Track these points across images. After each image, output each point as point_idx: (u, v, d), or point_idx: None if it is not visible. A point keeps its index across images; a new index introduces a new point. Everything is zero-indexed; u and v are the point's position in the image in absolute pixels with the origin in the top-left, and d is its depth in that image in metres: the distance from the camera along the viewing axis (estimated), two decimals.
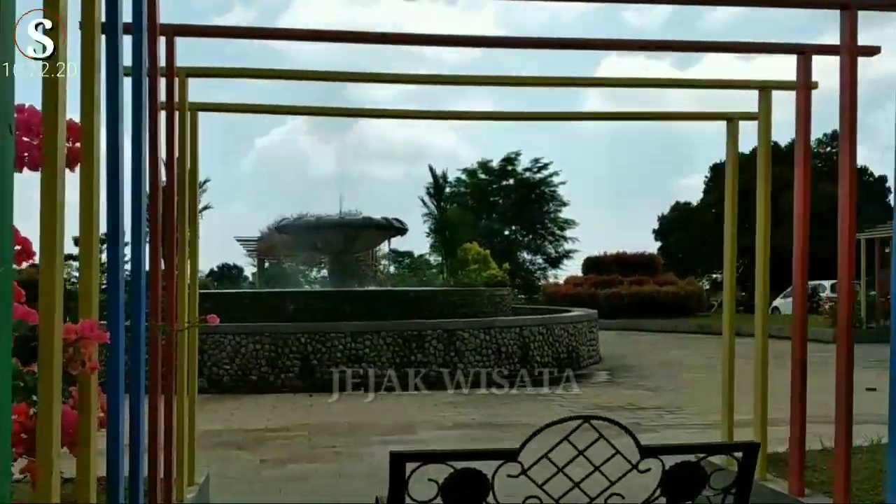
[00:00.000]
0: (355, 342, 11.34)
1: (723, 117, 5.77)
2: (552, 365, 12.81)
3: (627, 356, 16.02)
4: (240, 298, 13.50)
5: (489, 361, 11.91)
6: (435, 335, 11.60)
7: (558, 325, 13.08)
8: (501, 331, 12.07)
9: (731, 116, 5.68)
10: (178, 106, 4.31)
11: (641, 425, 8.54)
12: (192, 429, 4.87)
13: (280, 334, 11.31)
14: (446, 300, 13.62)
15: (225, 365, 11.23)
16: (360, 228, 15.08)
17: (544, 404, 9.85)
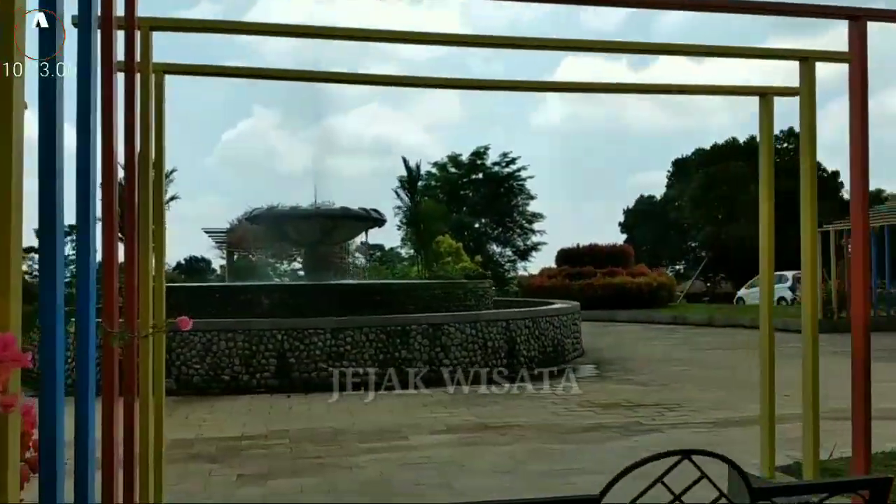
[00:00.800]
0: (335, 339, 10.70)
1: (756, 92, 5.20)
2: (538, 359, 12.27)
3: (609, 349, 15.54)
4: (210, 293, 12.77)
5: (476, 357, 11.33)
6: (420, 330, 11.00)
7: (544, 318, 12.53)
8: (488, 325, 11.50)
9: (765, 91, 5.11)
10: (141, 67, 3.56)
11: (643, 425, 8.02)
12: (160, 444, 4.22)
13: (254, 331, 10.64)
14: (429, 293, 13.00)
15: (195, 364, 10.55)
16: (338, 219, 14.39)
17: (537, 403, 9.30)
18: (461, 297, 13.55)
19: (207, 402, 9.66)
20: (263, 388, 10.46)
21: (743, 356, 14.23)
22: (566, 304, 14.16)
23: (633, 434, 7.57)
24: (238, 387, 10.44)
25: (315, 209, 14.32)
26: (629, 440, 7.30)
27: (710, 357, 14.19)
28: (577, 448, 6.93)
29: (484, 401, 9.43)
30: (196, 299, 12.75)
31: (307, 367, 10.58)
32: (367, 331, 10.82)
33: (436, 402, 9.33)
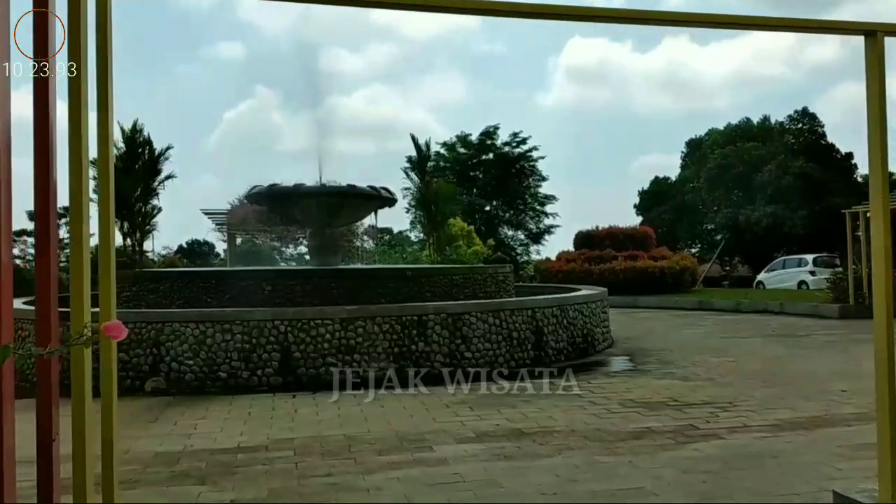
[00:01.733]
0: (345, 330, 9.61)
1: (861, 29, 4.04)
2: (567, 351, 11.18)
3: (639, 337, 14.44)
4: (204, 279, 11.68)
5: (500, 349, 10.24)
6: (438, 320, 9.90)
7: (573, 305, 11.43)
8: (513, 314, 10.40)
9: (872, 28, 3.96)
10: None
11: (698, 429, 6.94)
12: (109, 451, 3.14)
13: (254, 322, 9.56)
14: (447, 279, 11.89)
15: (188, 360, 9.48)
16: (345, 197, 13.26)
17: (574, 402, 8.20)
18: (481, 283, 12.45)
19: (201, 402, 8.59)
20: (265, 386, 9.40)
21: (782, 345, 13.14)
22: (595, 290, 13.05)
23: (690, 441, 6.49)
24: (237, 385, 9.38)
25: (320, 187, 13.18)
26: (687, 449, 6.22)
27: (749, 346, 13.07)
28: (629, 461, 5.84)
29: (513, 400, 8.33)
30: (189, 286, 11.68)
31: (314, 362, 9.51)
32: (381, 321, 9.73)
33: (459, 402, 8.24)
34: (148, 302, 12.20)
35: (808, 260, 33.25)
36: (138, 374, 9.54)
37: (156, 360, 9.55)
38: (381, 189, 13.73)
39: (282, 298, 11.20)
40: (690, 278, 26.85)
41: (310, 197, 13.29)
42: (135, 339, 9.62)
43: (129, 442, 6.69)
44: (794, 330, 15.72)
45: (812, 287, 31.26)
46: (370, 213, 14.40)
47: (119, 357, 9.89)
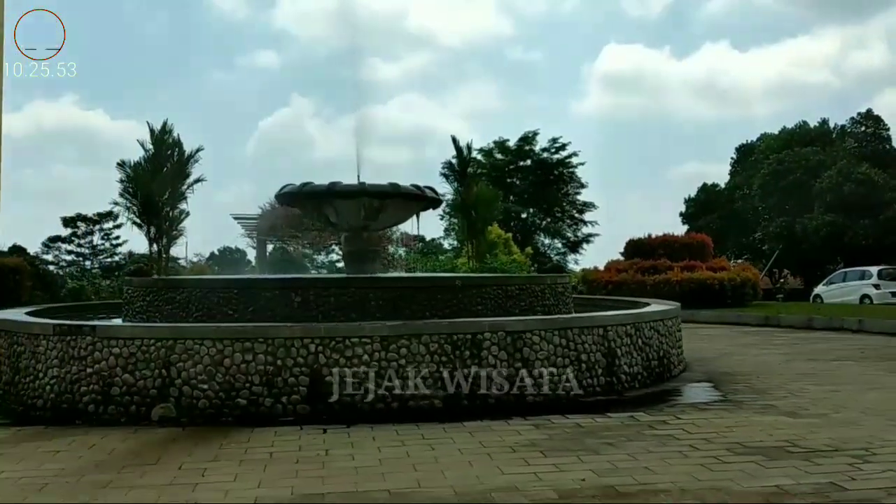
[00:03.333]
0: (386, 350, 8.12)
1: None
2: (642, 376, 9.61)
3: (713, 359, 12.79)
4: (224, 288, 10.25)
5: (567, 375, 8.69)
6: (496, 339, 8.37)
7: (648, 323, 9.85)
8: (581, 332, 8.84)
9: None
10: None
11: (844, 489, 5.35)
12: None
13: (280, 339, 8.09)
14: (501, 290, 10.34)
15: (202, 384, 8.02)
16: (386, 197, 11.76)
17: (669, 445, 6.63)
18: (539, 296, 10.90)
19: (215, 437, 7.13)
20: (291, 416, 7.92)
21: (885, 370, 11.43)
22: (668, 305, 11.43)
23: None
24: (258, 414, 7.91)
25: (359, 185, 11.71)
26: None
27: (846, 372, 11.37)
28: None
29: (594, 442, 6.78)
30: (207, 296, 10.26)
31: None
32: (428, 340, 8.23)
33: (527, 445, 6.70)
34: (163, 313, 10.81)
35: (873, 272, 31.34)
36: (144, 399, 8.12)
37: (165, 382, 8.12)
38: (426, 188, 12.23)
39: (313, 311, 9.74)
40: (752, 291, 25.06)
41: (347, 196, 11.83)
42: (141, 358, 8.21)
43: (114, 495, 5.24)
44: (890, 352, 13.97)
45: (876, 301, 29.35)
46: (413, 216, 12.89)
47: (122, 379, 8.49)
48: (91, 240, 58.50)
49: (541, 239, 54.37)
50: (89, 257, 57.55)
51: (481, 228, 28.53)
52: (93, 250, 58.44)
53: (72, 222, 56.83)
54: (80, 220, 56.75)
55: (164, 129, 35.01)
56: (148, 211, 34.58)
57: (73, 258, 57.41)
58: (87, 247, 58.47)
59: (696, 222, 51.73)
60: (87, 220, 56.82)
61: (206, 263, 48.82)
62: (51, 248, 58.51)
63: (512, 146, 53.89)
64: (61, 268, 55.71)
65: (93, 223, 57.08)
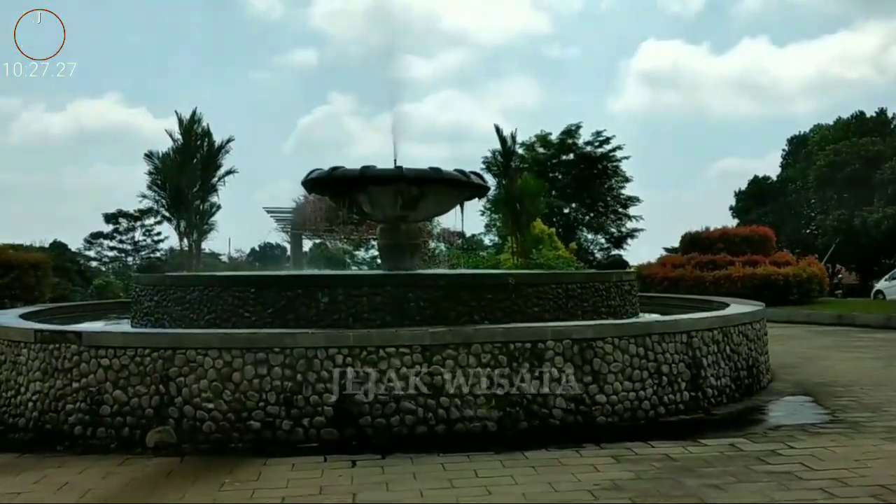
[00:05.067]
0: (429, 362, 6.71)
1: None
2: (730, 389, 8.11)
3: (797, 366, 11.19)
4: (241, 286, 8.90)
5: (645, 390, 7.23)
6: (560, 349, 6.92)
7: (737, 327, 8.35)
8: (662, 339, 7.36)
9: None
10: None
11: None
12: None
13: (300, 349, 6.72)
14: (560, 289, 8.86)
15: (207, 402, 6.68)
16: (427, 183, 10.31)
17: (792, 490, 5.12)
18: (604, 295, 9.40)
19: (219, 471, 5.77)
20: (315, 441, 6.55)
21: None
22: (754, 306, 9.88)
23: None
24: (274, 440, 6.55)
25: (395, 170, 10.30)
26: None
27: None
28: None
29: (695, 484, 5.28)
30: (221, 296, 8.91)
31: (384, 408, 6.62)
32: (479, 349, 6.81)
33: (611, 488, 5.23)
34: (172, 315, 9.48)
35: None
36: (139, 420, 6.79)
37: (163, 401, 6.78)
38: (472, 174, 10.77)
39: (342, 314, 8.34)
40: (818, 287, 23.27)
41: (382, 182, 10.39)
42: (135, 372, 6.87)
43: None
44: None
45: None
46: (456, 206, 11.42)
47: (113, 396, 7.14)
48: (133, 236, 58.23)
49: (583, 234, 52.76)
50: (131, 253, 57.20)
51: (526, 222, 26.99)
52: (134, 246, 58.18)
53: (113, 219, 56.56)
54: (122, 217, 56.44)
55: (192, 119, 33.84)
56: (177, 204, 33.49)
57: (116, 254, 57.10)
58: (128, 243, 58.21)
59: (746, 216, 49.67)
60: (129, 217, 56.50)
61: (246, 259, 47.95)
62: (93, 245, 58.32)
63: (554, 140, 52.25)
64: (104, 263, 55.57)
65: (134, 219, 56.78)
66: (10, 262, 23.41)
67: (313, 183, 11.25)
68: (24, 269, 23.70)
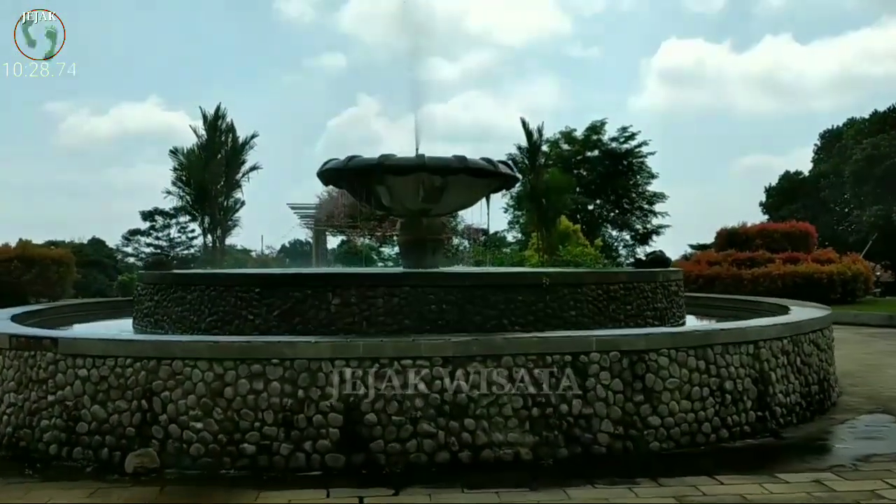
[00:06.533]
0: (451, 376, 5.72)
1: None
2: (800, 406, 7.06)
3: (860, 374, 10.09)
4: (245, 286, 7.98)
5: (705, 410, 6.20)
6: (606, 362, 5.91)
7: (808, 335, 7.30)
8: (725, 350, 6.33)
9: None
10: None
11: None
12: None
13: (302, 360, 5.76)
14: (601, 290, 7.84)
15: (194, 422, 5.73)
16: (451, 173, 9.31)
17: None
18: (650, 297, 8.36)
19: None
20: (317, 470, 5.58)
21: None
22: (821, 309, 8.79)
23: None
24: (271, 467, 5.60)
25: (416, 158, 9.32)
26: None
27: None
28: None
29: None
30: (224, 296, 7.97)
31: (398, 430, 5.65)
32: (510, 362, 5.81)
33: None
34: (171, 317, 8.59)
35: None
36: (119, 440, 5.87)
37: (145, 418, 5.85)
38: (500, 163, 9.77)
39: (355, 318, 7.38)
40: (863, 286, 22.08)
41: (402, 172, 9.40)
42: (115, 384, 5.94)
43: None
44: None
45: None
46: (482, 198, 10.42)
47: (91, 412, 6.17)
48: (168, 233, 58.26)
49: (608, 231, 51.70)
50: (167, 250, 57.16)
51: (552, 218, 25.96)
52: (170, 243, 58.21)
53: (150, 216, 56.48)
54: (158, 214, 56.38)
55: (217, 115, 33.15)
56: (201, 200, 32.85)
57: (152, 251, 57.03)
58: (164, 239, 58.21)
59: (777, 212, 48.26)
60: (164, 214, 56.41)
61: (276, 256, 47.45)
62: (130, 241, 58.37)
63: (579, 136, 51.18)
64: (140, 259, 55.75)
65: (169, 217, 56.76)
66: (31, 258, 22.91)
67: (329, 174, 10.29)
68: (46, 265, 23.13)
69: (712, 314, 11.29)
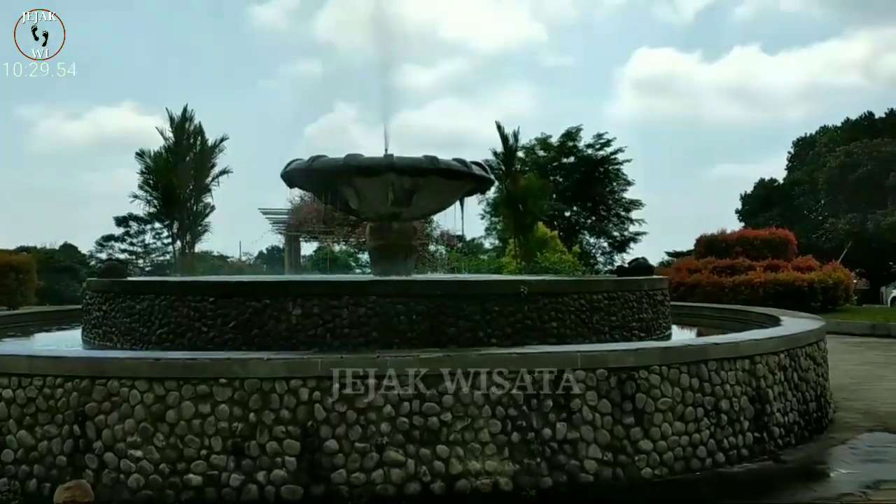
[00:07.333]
0: (421, 398, 5.13)
1: None
2: (798, 426, 6.52)
3: (857, 388, 9.58)
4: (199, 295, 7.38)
5: (700, 432, 5.64)
6: (592, 380, 5.34)
7: (804, 348, 6.78)
8: (720, 366, 5.79)
9: None
10: None
11: None
12: None
13: (254, 380, 5.14)
14: (584, 300, 7.28)
15: (133, 450, 5.10)
16: (422, 174, 8.74)
17: None
18: (635, 307, 7.82)
19: None
20: (273, 501, 4.97)
21: None
22: (814, 321, 8.26)
23: None
24: (220, 501, 4.98)
25: (385, 158, 8.75)
26: None
27: None
28: None
29: None
30: (175, 306, 7.35)
31: (363, 460, 5.05)
32: (488, 381, 5.23)
33: None
34: (120, 328, 7.94)
35: None
36: (48, 471, 5.22)
37: (78, 446, 5.21)
38: (474, 164, 9.21)
39: (317, 330, 6.80)
40: (844, 294, 21.72)
41: (370, 173, 8.83)
42: (44, 407, 5.30)
43: None
44: None
45: None
46: (455, 201, 9.87)
47: (17, 437, 5.40)
48: (143, 239, 57.33)
49: (585, 238, 51.39)
50: (141, 255, 56.21)
51: (530, 224, 25.42)
52: (144, 249, 57.23)
53: (124, 221, 55.50)
54: (132, 220, 55.46)
55: (184, 116, 32.42)
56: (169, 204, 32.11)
57: (127, 256, 56.04)
58: (139, 245, 57.23)
59: (753, 219, 48.13)
60: (139, 220, 55.52)
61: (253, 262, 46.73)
62: (104, 247, 57.36)
63: (554, 143, 50.84)
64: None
65: (144, 222, 55.86)
66: None
67: (293, 175, 9.70)
68: (5, 272, 22.36)
69: (698, 325, 10.82)
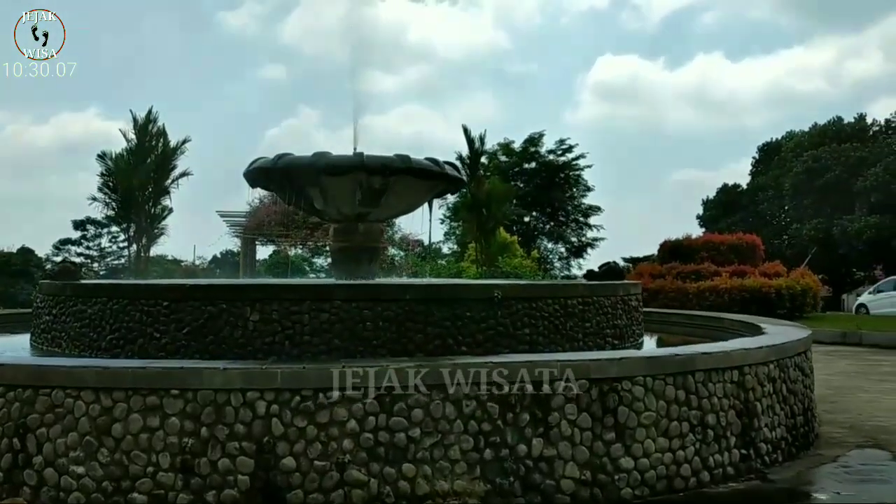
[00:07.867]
0: (387, 411, 4.75)
1: None
2: (786, 441, 6.22)
3: (837, 400, 9.27)
4: (152, 299, 6.95)
5: (685, 448, 5.31)
6: (571, 392, 4.99)
7: (793, 358, 6.49)
8: (708, 378, 5.47)
9: None
10: None
11: None
12: None
13: (207, 391, 4.73)
14: (558, 305, 6.92)
15: (76, 465, 4.67)
16: (392, 174, 8.36)
17: None
18: (610, 313, 7.50)
19: None
20: None
21: None
22: (800, 330, 7.95)
23: None
24: None
25: (355, 157, 8.38)
26: None
27: None
28: None
29: None
30: (128, 310, 6.89)
31: (322, 480, 4.65)
32: (459, 392, 4.85)
33: None
34: (70, 334, 7.47)
35: None
36: None
37: (17, 461, 4.77)
38: (446, 164, 8.85)
39: (275, 337, 6.38)
40: (812, 301, 21.66)
41: (338, 172, 8.43)
42: None
43: None
44: None
45: None
46: (425, 202, 9.51)
47: None
48: (99, 242, 56.36)
49: (543, 243, 51.45)
50: (97, 259, 55.28)
51: (492, 228, 25.16)
52: (101, 252, 56.29)
53: (81, 225, 54.50)
54: (90, 223, 54.46)
55: (148, 118, 31.93)
56: (127, 206, 31.58)
57: (83, 260, 55.02)
58: (95, 249, 56.24)
59: (715, 225, 48.21)
60: (96, 223, 54.52)
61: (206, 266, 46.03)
62: (61, 251, 56.27)
63: (517, 148, 50.86)
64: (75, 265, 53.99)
65: (101, 226, 54.93)
66: None
67: (256, 174, 9.25)
68: None
69: (669, 332, 10.56)
